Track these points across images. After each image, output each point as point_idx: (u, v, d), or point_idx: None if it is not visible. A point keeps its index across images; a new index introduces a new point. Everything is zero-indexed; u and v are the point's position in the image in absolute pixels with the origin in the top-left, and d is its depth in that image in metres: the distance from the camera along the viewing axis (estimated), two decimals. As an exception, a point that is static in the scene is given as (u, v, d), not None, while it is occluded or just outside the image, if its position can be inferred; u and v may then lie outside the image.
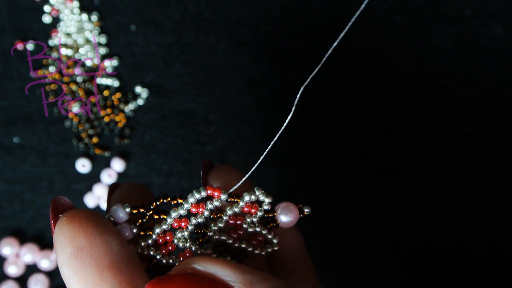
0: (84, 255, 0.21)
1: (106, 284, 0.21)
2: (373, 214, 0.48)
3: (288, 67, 0.49)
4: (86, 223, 0.21)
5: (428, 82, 0.49)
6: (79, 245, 0.21)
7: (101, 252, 0.21)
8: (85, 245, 0.21)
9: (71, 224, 0.21)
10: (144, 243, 0.24)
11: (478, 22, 0.49)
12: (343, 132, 0.48)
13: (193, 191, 0.24)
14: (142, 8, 0.49)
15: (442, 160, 0.48)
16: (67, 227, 0.21)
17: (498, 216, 0.47)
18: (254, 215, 0.25)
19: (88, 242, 0.21)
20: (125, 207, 0.24)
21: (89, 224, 0.21)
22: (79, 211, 0.22)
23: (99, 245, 0.21)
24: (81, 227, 0.21)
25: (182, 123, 0.48)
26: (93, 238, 0.21)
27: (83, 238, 0.21)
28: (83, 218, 0.21)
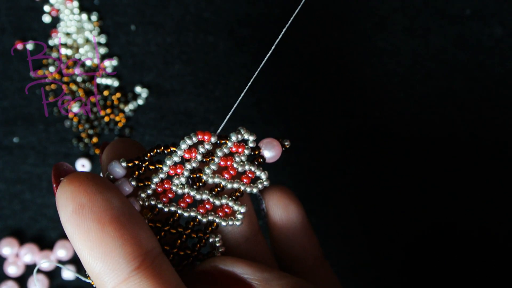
0: (85, 211, 0.21)
1: (109, 238, 0.21)
2: (372, 212, 0.47)
3: (288, 67, 0.49)
4: (86, 182, 0.22)
5: (428, 82, 0.49)
6: (79, 202, 0.21)
7: (102, 208, 0.21)
8: (85, 202, 0.21)
9: (71, 184, 0.22)
10: (144, 194, 0.25)
11: (478, 22, 0.49)
12: (343, 132, 0.48)
13: (185, 137, 0.26)
14: (142, 8, 0.49)
15: (442, 160, 0.48)
16: (68, 187, 0.22)
17: (498, 217, 0.47)
18: (242, 154, 0.26)
19: (88, 199, 0.21)
20: (121, 162, 0.25)
21: (89, 183, 0.22)
22: (79, 173, 0.23)
23: (99, 201, 0.22)
24: (81, 186, 0.22)
25: (182, 123, 0.48)
26: (93, 195, 0.22)
27: (84, 195, 0.22)
28: (83, 178, 0.22)
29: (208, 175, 0.26)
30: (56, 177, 0.24)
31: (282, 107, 0.48)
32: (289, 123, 0.48)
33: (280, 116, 0.48)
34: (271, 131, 0.48)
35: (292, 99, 0.49)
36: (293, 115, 0.48)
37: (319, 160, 0.48)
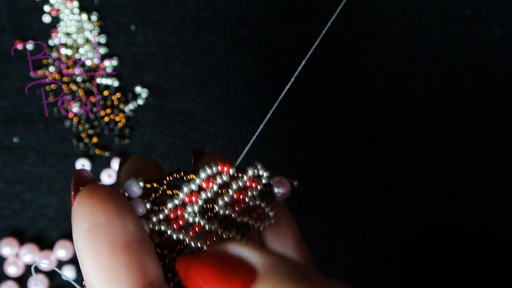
0: (101, 232, 0.21)
1: (118, 263, 0.21)
2: (372, 212, 0.48)
3: (288, 67, 0.49)
4: (106, 199, 0.21)
5: (428, 82, 0.49)
6: (97, 221, 0.21)
7: (117, 231, 0.21)
8: (102, 221, 0.21)
9: (91, 198, 0.21)
10: (155, 218, 0.25)
11: (478, 22, 0.49)
12: (343, 131, 0.48)
13: (205, 166, 0.25)
14: (142, 8, 0.49)
15: (443, 160, 0.48)
16: (87, 201, 0.21)
17: (498, 217, 0.47)
18: (255, 189, 0.26)
19: (105, 219, 0.21)
20: (139, 181, 0.24)
21: (109, 201, 0.21)
22: (100, 187, 0.22)
23: (116, 223, 0.21)
24: (100, 203, 0.21)
25: (182, 123, 0.48)
26: (111, 216, 0.21)
27: (102, 214, 0.21)
28: (104, 194, 0.21)
29: (221, 206, 0.26)
30: (76, 185, 0.23)
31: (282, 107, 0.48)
32: (289, 123, 0.48)
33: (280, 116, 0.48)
34: (271, 131, 0.48)
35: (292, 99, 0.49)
36: (293, 115, 0.48)
37: (319, 160, 0.48)
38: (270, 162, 0.48)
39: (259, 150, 0.48)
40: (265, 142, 0.48)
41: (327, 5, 0.49)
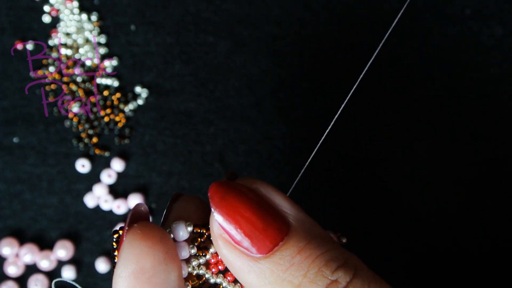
0: (144, 278, 0.21)
1: None
2: (373, 213, 0.47)
3: (288, 67, 0.49)
4: (157, 245, 0.21)
5: (428, 82, 0.49)
6: (143, 266, 0.21)
7: (160, 281, 0.21)
8: (149, 268, 0.21)
9: (143, 241, 0.21)
10: (196, 262, 0.24)
11: (478, 22, 0.49)
12: (343, 131, 0.48)
13: None
14: (142, 8, 0.49)
15: (442, 161, 0.48)
16: (138, 242, 0.21)
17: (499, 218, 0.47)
18: None
19: (152, 266, 0.21)
20: (187, 226, 0.24)
21: (159, 248, 0.21)
22: (154, 229, 0.22)
23: (161, 272, 0.21)
24: (151, 248, 0.21)
25: (182, 123, 0.48)
26: (158, 264, 0.21)
27: (150, 260, 0.21)
28: (155, 238, 0.21)
29: None
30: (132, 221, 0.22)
31: (282, 107, 0.48)
32: (289, 123, 0.48)
33: (280, 116, 0.48)
34: (271, 131, 0.48)
35: (292, 99, 0.49)
36: (293, 115, 0.48)
37: (319, 160, 0.48)
38: (270, 162, 0.48)
39: (259, 150, 0.48)
40: (265, 142, 0.48)
41: (327, 5, 0.50)
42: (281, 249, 0.21)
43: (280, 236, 0.21)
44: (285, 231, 0.21)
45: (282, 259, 0.20)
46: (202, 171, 0.48)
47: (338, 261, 0.20)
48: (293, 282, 0.20)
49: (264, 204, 0.21)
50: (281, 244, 0.21)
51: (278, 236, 0.21)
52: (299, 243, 0.21)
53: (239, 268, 0.21)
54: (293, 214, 0.22)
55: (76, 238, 0.47)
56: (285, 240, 0.21)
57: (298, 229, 0.21)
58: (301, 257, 0.20)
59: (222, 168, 0.48)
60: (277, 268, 0.21)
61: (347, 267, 0.20)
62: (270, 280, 0.21)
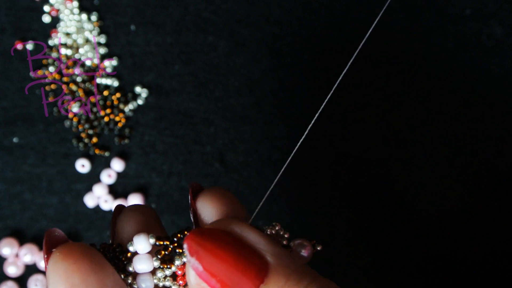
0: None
1: None
2: (373, 213, 0.47)
3: (288, 67, 0.49)
4: (80, 259, 0.21)
5: (427, 82, 0.49)
6: (72, 282, 0.21)
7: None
8: (79, 283, 0.21)
9: (65, 260, 0.21)
10: (161, 273, 0.24)
11: (478, 22, 0.49)
12: (343, 132, 0.48)
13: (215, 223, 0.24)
14: (141, 8, 0.49)
15: (442, 161, 0.48)
16: (61, 263, 0.21)
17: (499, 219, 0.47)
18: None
19: (82, 280, 0.21)
20: (150, 238, 0.23)
21: (83, 261, 0.21)
22: (73, 246, 0.21)
23: (93, 283, 0.21)
24: (75, 264, 0.21)
25: (181, 123, 0.48)
26: (87, 276, 0.21)
27: (77, 275, 0.21)
28: (77, 254, 0.21)
29: None
30: (48, 247, 0.22)
31: (282, 107, 0.48)
32: (289, 123, 0.48)
33: (280, 116, 0.48)
34: (271, 131, 0.48)
35: (292, 99, 0.49)
36: (293, 115, 0.48)
37: (319, 160, 0.48)
38: (270, 162, 0.48)
39: (259, 150, 0.48)
40: (265, 142, 0.48)
41: (327, 5, 0.49)
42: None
43: (260, 277, 0.21)
44: (264, 271, 0.21)
45: None
46: (202, 171, 0.48)
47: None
48: None
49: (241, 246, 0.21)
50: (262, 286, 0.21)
51: (258, 277, 0.21)
52: (280, 281, 0.21)
53: None
54: (270, 250, 0.21)
55: (76, 238, 0.47)
56: (265, 281, 0.21)
57: (277, 266, 0.21)
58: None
59: (222, 168, 0.48)
60: None
61: None
62: None
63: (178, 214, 0.47)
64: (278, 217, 0.48)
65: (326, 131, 0.48)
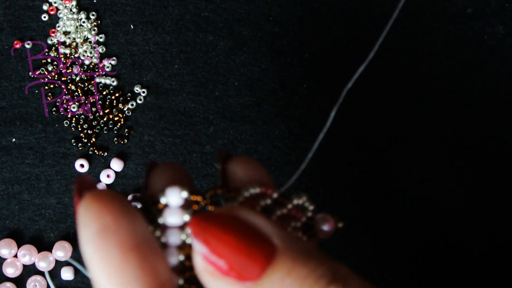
0: (110, 234, 0.20)
1: (129, 266, 0.20)
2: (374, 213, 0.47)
3: (288, 67, 0.49)
4: (112, 202, 0.21)
5: (428, 81, 0.49)
6: (104, 223, 0.20)
7: (126, 233, 0.20)
8: (110, 224, 0.20)
9: (98, 201, 0.21)
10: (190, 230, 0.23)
11: (479, 21, 0.49)
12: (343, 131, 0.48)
13: (249, 186, 0.23)
14: (141, 7, 0.49)
15: (443, 161, 0.48)
16: (93, 204, 0.21)
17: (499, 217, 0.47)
18: (298, 220, 0.24)
19: (113, 221, 0.20)
20: (183, 191, 0.23)
21: (116, 204, 0.21)
22: (105, 191, 0.21)
23: (124, 225, 0.20)
24: (107, 206, 0.21)
25: (181, 122, 0.48)
26: (119, 218, 0.20)
27: (109, 217, 0.20)
28: (109, 197, 0.21)
29: None
30: (79, 190, 0.22)
31: (282, 107, 0.48)
32: (289, 123, 0.48)
33: (280, 116, 0.48)
34: (271, 131, 0.48)
35: (292, 99, 0.48)
36: (293, 115, 0.48)
37: (318, 160, 0.48)
38: (270, 162, 0.48)
39: (259, 150, 0.48)
40: (265, 142, 0.48)
41: (327, 4, 0.49)
42: (270, 273, 0.20)
43: (267, 259, 0.20)
44: (271, 254, 0.21)
45: (272, 283, 0.20)
46: (202, 171, 0.48)
47: (328, 275, 0.20)
48: None
49: (247, 230, 0.21)
50: (269, 268, 0.20)
51: (265, 260, 0.20)
52: (287, 264, 0.20)
53: None
54: (276, 234, 0.21)
55: (75, 239, 0.47)
56: (273, 264, 0.20)
57: (284, 249, 0.21)
58: (291, 279, 0.20)
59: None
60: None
61: (337, 281, 0.20)
62: None
63: (178, 214, 0.47)
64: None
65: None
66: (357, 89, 0.49)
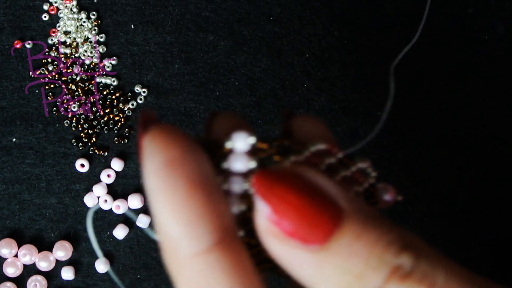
0: (177, 167, 0.19)
1: (195, 202, 0.19)
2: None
3: (288, 67, 0.49)
4: (179, 137, 0.19)
5: (428, 81, 0.49)
6: (171, 156, 0.19)
7: (193, 168, 0.19)
8: (178, 156, 0.19)
9: (164, 135, 0.19)
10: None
11: (480, 21, 0.49)
12: (343, 131, 0.48)
13: (315, 143, 0.22)
14: (141, 6, 0.49)
15: (442, 161, 0.48)
16: (161, 137, 0.19)
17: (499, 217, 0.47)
18: (361, 185, 0.23)
19: (181, 154, 0.19)
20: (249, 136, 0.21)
21: (182, 139, 0.19)
22: (171, 125, 0.20)
23: (192, 161, 0.19)
24: (175, 139, 0.19)
25: (181, 122, 0.48)
26: (187, 152, 0.19)
27: (177, 149, 0.19)
28: (176, 132, 0.20)
29: None
30: (145, 123, 0.20)
31: (282, 106, 0.48)
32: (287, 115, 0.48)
33: (280, 116, 0.48)
34: (271, 131, 0.48)
35: (293, 98, 0.48)
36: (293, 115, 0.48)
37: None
38: (270, 162, 0.48)
39: (259, 150, 0.48)
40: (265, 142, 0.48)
41: (328, 3, 0.49)
42: (338, 237, 0.19)
43: (335, 222, 0.19)
44: (339, 217, 0.19)
45: (340, 248, 0.19)
46: (202, 171, 0.48)
47: (399, 242, 0.19)
48: (354, 271, 0.19)
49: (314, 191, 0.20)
50: (337, 231, 0.19)
51: (332, 223, 0.19)
52: (355, 228, 0.19)
53: (294, 264, 0.20)
54: (344, 196, 0.20)
55: (75, 239, 0.47)
56: (341, 226, 0.19)
57: (352, 213, 0.19)
58: (360, 244, 0.19)
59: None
60: (335, 258, 0.19)
61: (409, 249, 0.19)
62: (329, 272, 0.19)
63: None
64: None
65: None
66: (356, 89, 0.49)
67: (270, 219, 0.19)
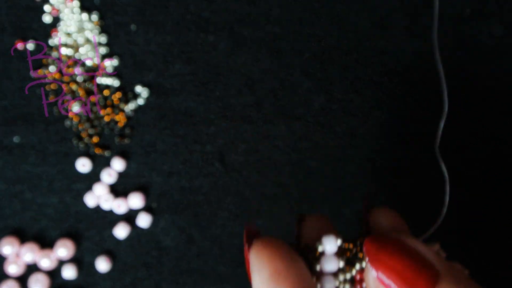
0: (282, 278, 0.22)
1: None
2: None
3: (288, 67, 0.49)
4: (280, 249, 0.23)
5: (428, 81, 0.49)
6: (276, 267, 0.22)
7: (296, 278, 0.22)
8: (282, 268, 0.22)
9: (267, 248, 0.23)
10: (342, 277, 0.25)
11: (478, 22, 0.49)
12: (343, 131, 0.48)
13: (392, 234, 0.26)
14: (142, 7, 0.49)
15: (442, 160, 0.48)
16: (265, 250, 0.23)
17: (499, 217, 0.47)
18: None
19: (284, 266, 0.22)
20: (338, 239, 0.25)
21: (283, 250, 0.23)
22: (273, 238, 0.24)
23: (294, 270, 0.22)
24: (277, 252, 0.23)
25: (182, 122, 0.48)
26: (288, 264, 0.22)
27: (280, 262, 0.22)
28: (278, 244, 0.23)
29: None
30: (249, 238, 0.24)
31: (282, 106, 0.48)
32: (289, 123, 0.48)
33: (280, 115, 0.48)
34: (272, 131, 0.48)
35: (293, 98, 0.49)
36: (294, 115, 0.48)
37: (318, 160, 0.48)
38: (270, 162, 0.48)
39: (259, 149, 0.48)
40: (265, 142, 0.48)
41: (328, 4, 0.49)
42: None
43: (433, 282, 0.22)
44: (435, 279, 0.22)
45: None
46: (202, 171, 0.48)
47: None
48: None
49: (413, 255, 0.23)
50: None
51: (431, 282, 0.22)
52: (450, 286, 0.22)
53: None
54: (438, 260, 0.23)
55: (76, 238, 0.47)
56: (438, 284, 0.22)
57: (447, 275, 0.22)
58: None
59: (222, 168, 0.48)
60: None
61: None
62: None
63: (179, 213, 0.48)
64: (278, 217, 0.48)
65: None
66: (356, 89, 0.49)
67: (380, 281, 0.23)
